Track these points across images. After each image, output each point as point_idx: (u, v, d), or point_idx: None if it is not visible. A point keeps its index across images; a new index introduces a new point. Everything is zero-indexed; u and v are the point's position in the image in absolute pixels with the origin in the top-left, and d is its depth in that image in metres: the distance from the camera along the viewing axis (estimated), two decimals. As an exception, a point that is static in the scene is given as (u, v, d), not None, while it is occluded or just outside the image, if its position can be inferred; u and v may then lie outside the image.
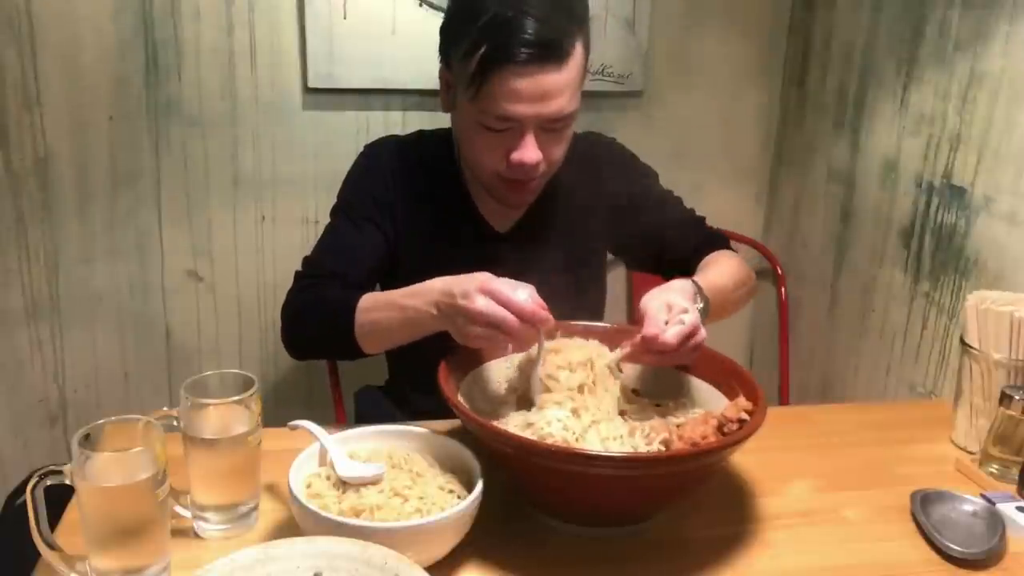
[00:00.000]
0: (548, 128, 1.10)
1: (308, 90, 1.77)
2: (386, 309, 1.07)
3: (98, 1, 1.64)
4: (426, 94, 1.78)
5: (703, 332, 0.97)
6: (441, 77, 1.17)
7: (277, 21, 1.73)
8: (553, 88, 1.06)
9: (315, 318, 1.16)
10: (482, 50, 1.04)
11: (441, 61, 1.16)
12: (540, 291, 0.95)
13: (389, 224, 1.24)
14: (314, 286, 1.19)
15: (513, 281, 0.93)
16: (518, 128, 1.08)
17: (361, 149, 1.31)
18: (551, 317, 0.93)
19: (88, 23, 1.64)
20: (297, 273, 1.24)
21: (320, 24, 1.71)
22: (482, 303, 0.91)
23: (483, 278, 0.93)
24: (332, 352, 1.26)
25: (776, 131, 2.04)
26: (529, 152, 1.09)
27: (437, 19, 1.16)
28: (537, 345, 0.96)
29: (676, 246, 1.28)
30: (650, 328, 0.93)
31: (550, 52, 1.04)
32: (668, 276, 1.20)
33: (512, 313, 0.90)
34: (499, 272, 0.97)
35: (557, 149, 1.14)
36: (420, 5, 1.73)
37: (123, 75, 1.69)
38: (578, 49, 1.08)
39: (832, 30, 1.82)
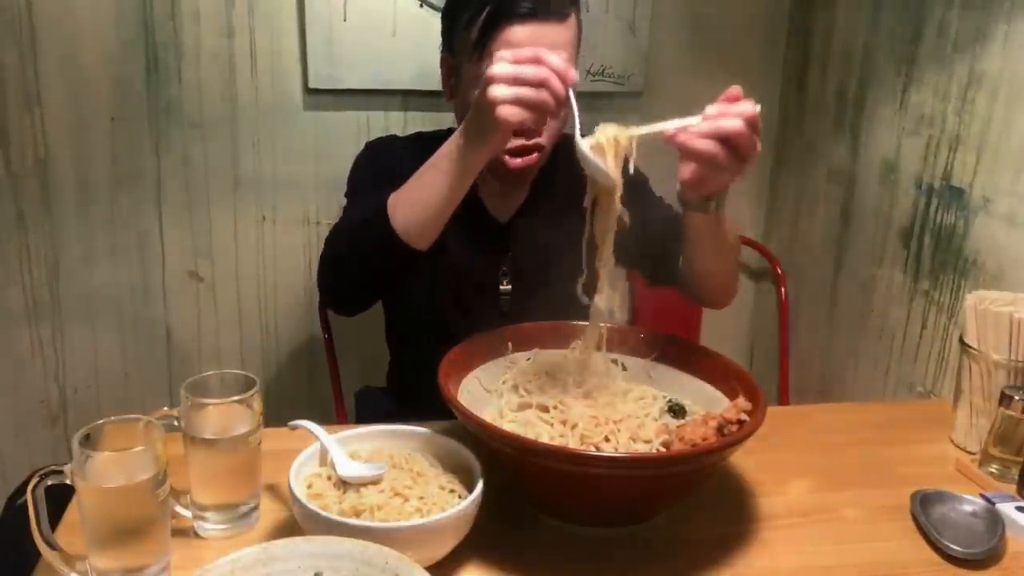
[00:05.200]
0: None
1: (308, 91, 1.77)
2: (414, 179, 1.02)
3: (99, 3, 1.64)
4: (426, 94, 1.78)
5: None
6: (443, 65, 1.19)
7: (277, 23, 1.73)
8: (553, 44, 1.06)
9: (347, 233, 1.10)
10: (486, 11, 1.07)
11: (443, 48, 1.19)
12: (538, 279, 0.93)
13: None
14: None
15: None
16: None
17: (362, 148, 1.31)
18: (572, 70, 0.90)
19: (88, 25, 1.65)
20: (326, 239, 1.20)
21: (320, 25, 1.71)
22: (498, 67, 0.87)
23: (497, 52, 0.91)
24: (372, 266, 1.07)
25: (776, 132, 2.04)
26: None
27: (438, 19, 1.16)
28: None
29: (666, 239, 1.26)
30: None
31: (551, 6, 1.07)
32: (653, 270, 1.22)
33: (534, 63, 0.87)
34: (500, 260, 0.97)
35: (554, 122, 1.14)
36: (421, 6, 1.73)
37: (123, 77, 1.69)
38: (573, 19, 1.11)
39: (832, 30, 1.82)
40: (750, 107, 0.91)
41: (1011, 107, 1.32)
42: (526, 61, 0.88)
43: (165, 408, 0.86)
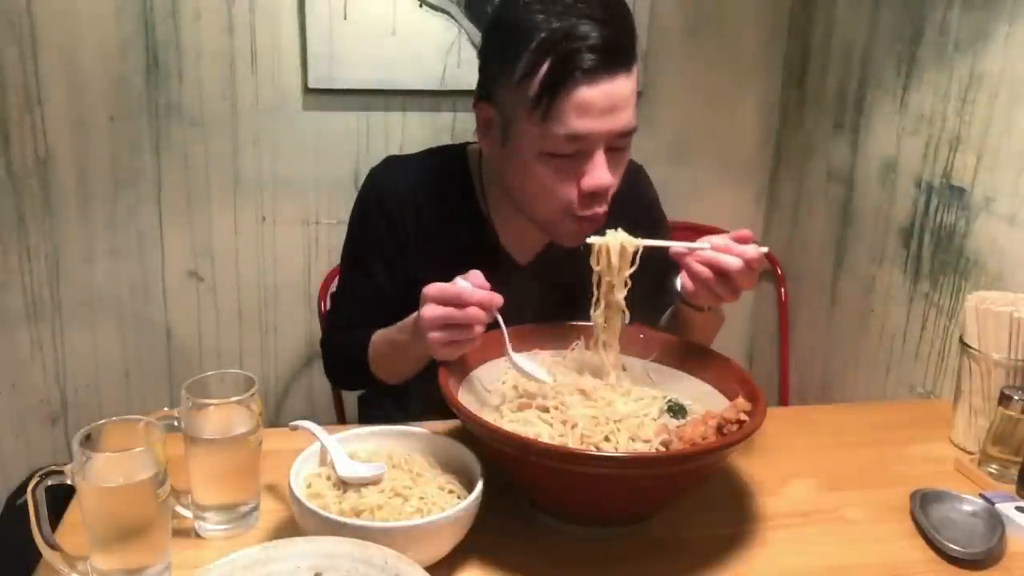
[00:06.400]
0: (613, 147, 1.04)
1: (308, 91, 1.77)
2: (383, 345, 1.13)
3: (99, 2, 1.64)
4: (426, 95, 1.78)
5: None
6: (480, 117, 1.09)
7: (277, 22, 1.73)
8: (621, 98, 1.00)
9: (340, 360, 1.26)
10: (545, 66, 0.97)
11: (480, 98, 1.09)
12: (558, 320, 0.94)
13: (400, 257, 1.19)
14: (338, 331, 1.26)
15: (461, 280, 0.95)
16: (587, 151, 1.01)
17: (360, 156, 1.29)
18: (497, 296, 0.95)
19: (89, 24, 1.65)
20: (328, 315, 1.29)
21: (320, 25, 1.71)
22: (428, 310, 0.94)
23: (425, 290, 0.96)
24: (368, 384, 1.28)
25: (776, 131, 2.05)
26: (601, 173, 1.02)
27: (437, 20, 1.15)
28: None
29: (655, 293, 1.21)
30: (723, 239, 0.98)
31: (618, 57, 0.99)
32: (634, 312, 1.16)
33: (458, 305, 0.93)
34: (519, 304, 0.97)
35: (618, 173, 1.07)
36: (420, 6, 1.73)
37: (124, 76, 1.69)
38: (637, 59, 1.03)
39: (832, 30, 1.82)
40: (753, 250, 0.98)
41: (1012, 107, 1.32)
42: (451, 303, 0.93)
43: (165, 408, 0.87)
